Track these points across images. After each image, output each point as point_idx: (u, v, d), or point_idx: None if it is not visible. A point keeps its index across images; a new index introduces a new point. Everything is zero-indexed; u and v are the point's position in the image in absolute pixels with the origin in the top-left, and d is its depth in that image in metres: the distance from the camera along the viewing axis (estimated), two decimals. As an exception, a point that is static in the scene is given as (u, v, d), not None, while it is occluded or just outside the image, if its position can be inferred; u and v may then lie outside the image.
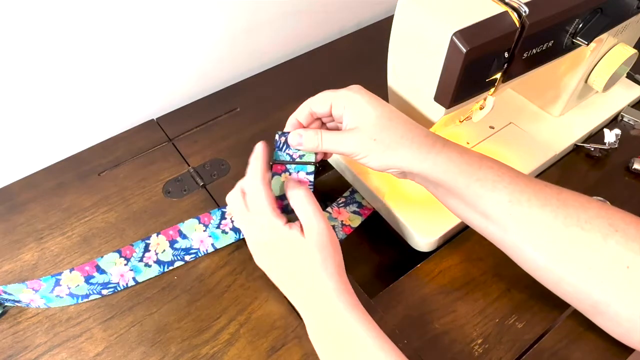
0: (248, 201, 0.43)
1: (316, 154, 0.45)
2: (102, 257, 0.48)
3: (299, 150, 0.44)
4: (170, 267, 0.48)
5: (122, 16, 0.53)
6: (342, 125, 0.42)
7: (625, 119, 0.60)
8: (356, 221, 0.51)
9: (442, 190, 0.41)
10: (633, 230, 0.35)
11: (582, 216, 0.36)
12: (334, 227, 0.49)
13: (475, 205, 0.39)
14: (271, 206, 0.41)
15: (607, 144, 0.56)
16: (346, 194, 0.54)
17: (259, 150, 0.43)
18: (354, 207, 0.52)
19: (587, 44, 0.42)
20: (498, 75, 0.41)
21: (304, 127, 0.44)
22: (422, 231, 0.48)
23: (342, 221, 0.50)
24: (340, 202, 0.53)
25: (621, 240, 0.35)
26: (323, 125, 0.45)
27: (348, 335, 0.37)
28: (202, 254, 0.49)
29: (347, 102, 0.41)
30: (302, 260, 0.40)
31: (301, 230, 0.40)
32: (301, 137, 0.43)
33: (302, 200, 0.41)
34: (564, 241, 0.37)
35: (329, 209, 0.52)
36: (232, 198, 0.45)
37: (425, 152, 0.39)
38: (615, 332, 0.38)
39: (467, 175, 0.39)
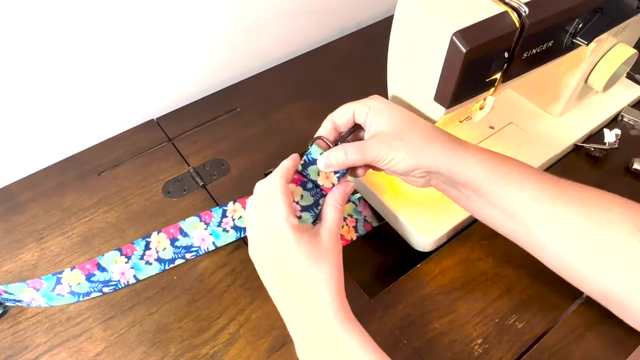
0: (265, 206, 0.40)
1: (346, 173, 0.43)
2: (102, 255, 0.48)
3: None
4: (171, 265, 0.48)
5: (122, 16, 0.53)
6: (365, 134, 0.42)
7: (625, 119, 0.60)
8: (375, 220, 0.51)
9: (466, 192, 0.41)
10: None
11: (604, 215, 0.37)
12: (356, 220, 0.49)
13: (500, 204, 0.39)
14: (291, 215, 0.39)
15: (607, 144, 0.56)
16: None
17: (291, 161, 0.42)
18: None
19: (587, 44, 0.42)
20: (498, 75, 0.41)
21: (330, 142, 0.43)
22: (422, 231, 0.48)
23: (365, 217, 0.50)
24: None
25: None
26: None
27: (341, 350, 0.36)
28: (203, 252, 0.49)
29: (370, 109, 0.41)
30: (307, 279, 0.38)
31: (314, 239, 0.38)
32: (328, 157, 0.41)
33: (335, 218, 0.40)
34: (587, 240, 0.37)
35: (356, 199, 0.50)
36: (251, 201, 0.42)
37: (451, 149, 0.40)
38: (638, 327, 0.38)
39: (493, 172, 0.39)
